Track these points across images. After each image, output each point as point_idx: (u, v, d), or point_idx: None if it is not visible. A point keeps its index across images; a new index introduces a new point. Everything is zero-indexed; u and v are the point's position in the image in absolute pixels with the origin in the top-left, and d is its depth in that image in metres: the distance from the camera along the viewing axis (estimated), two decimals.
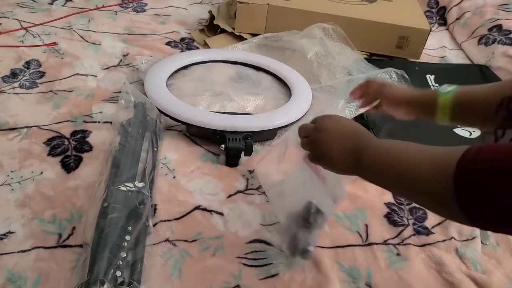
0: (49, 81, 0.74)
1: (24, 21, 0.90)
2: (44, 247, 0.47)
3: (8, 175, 0.55)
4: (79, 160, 0.58)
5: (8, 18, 0.91)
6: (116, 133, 0.55)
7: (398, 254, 0.50)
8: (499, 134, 0.32)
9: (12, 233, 0.48)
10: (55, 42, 0.84)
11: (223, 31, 0.92)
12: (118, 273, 0.41)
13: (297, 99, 0.70)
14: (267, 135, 0.65)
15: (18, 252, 0.46)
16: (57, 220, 0.50)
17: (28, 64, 0.77)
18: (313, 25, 0.86)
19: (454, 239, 0.53)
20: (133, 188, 0.48)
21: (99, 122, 0.66)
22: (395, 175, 0.32)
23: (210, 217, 0.53)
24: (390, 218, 0.55)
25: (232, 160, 0.60)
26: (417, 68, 0.90)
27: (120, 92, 0.64)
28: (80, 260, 0.45)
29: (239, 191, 0.57)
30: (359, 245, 0.51)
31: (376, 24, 0.88)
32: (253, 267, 0.48)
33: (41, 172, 0.56)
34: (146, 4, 1.05)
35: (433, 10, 1.15)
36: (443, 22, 1.12)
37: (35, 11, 0.95)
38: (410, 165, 0.31)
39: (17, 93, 0.70)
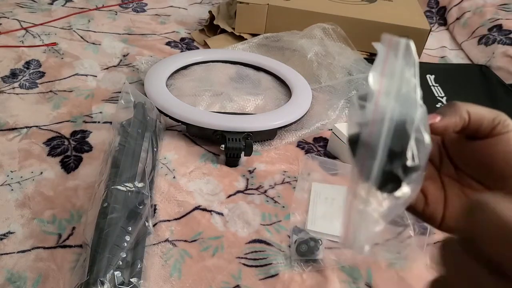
0: (49, 81, 0.74)
1: (24, 21, 0.90)
2: (44, 247, 0.47)
3: (8, 175, 0.55)
4: (79, 160, 0.58)
5: (8, 18, 0.91)
6: (116, 133, 0.55)
7: (398, 253, 0.50)
8: None
9: (11, 233, 0.48)
10: (55, 42, 0.84)
11: (223, 31, 0.92)
12: (118, 273, 0.41)
13: (297, 99, 0.70)
14: (267, 135, 0.65)
15: (18, 252, 0.46)
16: (56, 220, 0.50)
17: (28, 64, 0.77)
18: (313, 25, 0.86)
19: None
20: (133, 188, 0.48)
21: (99, 122, 0.66)
22: None
23: (210, 217, 0.53)
24: None
25: (232, 160, 0.60)
26: None
27: (120, 92, 0.64)
28: (80, 260, 0.45)
29: (239, 191, 0.57)
30: None
31: (376, 24, 0.88)
32: (253, 267, 0.47)
33: (41, 172, 0.56)
34: (146, 4, 1.05)
35: (433, 10, 1.15)
36: (443, 22, 1.12)
37: (35, 11, 0.95)
38: None
39: (17, 93, 0.70)
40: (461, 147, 0.27)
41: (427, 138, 0.20)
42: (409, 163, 0.20)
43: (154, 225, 0.50)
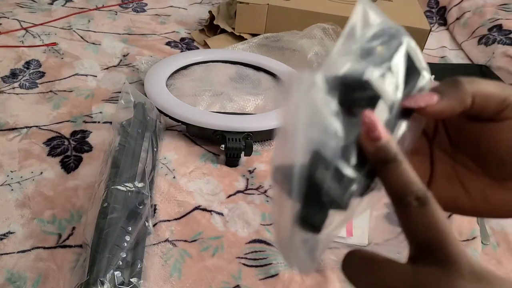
0: (49, 81, 0.74)
1: (24, 21, 0.90)
2: (44, 247, 0.47)
3: (8, 175, 0.55)
4: (79, 160, 0.58)
5: (8, 18, 0.91)
6: (116, 133, 0.55)
7: (398, 253, 0.50)
8: None
9: (11, 233, 0.48)
10: (55, 42, 0.84)
11: (223, 31, 0.92)
12: (118, 273, 0.41)
13: None
14: (267, 135, 0.65)
15: (18, 252, 0.46)
16: (56, 220, 0.50)
17: (28, 64, 0.77)
18: (313, 25, 0.86)
19: None
20: (133, 188, 0.48)
21: (99, 122, 0.66)
22: None
23: (210, 217, 0.53)
24: (391, 218, 0.55)
25: (232, 160, 0.60)
26: None
27: (120, 92, 0.64)
28: (79, 260, 0.45)
29: (239, 191, 0.57)
30: (359, 245, 0.51)
31: None
32: (253, 267, 0.48)
33: (41, 172, 0.56)
34: (146, 4, 1.05)
35: (433, 10, 1.15)
36: (443, 22, 1.12)
37: (35, 11, 0.95)
38: None
39: (17, 93, 0.70)
40: (460, 123, 0.23)
41: (348, 172, 0.17)
42: (328, 204, 0.18)
43: (154, 225, 0.50)
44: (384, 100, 0.19)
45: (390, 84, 0.19)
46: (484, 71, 0.91)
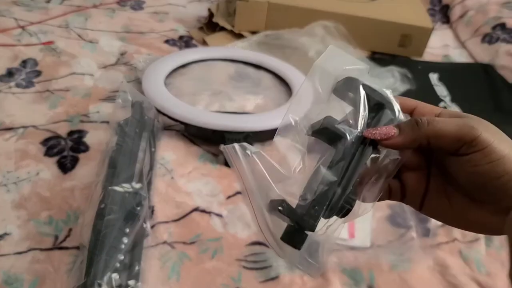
0: (46, 80, 0.73)
1: (21, 20, 0.89)
2: (41, 249, 0.46)
3: (4, 176, 0.54)
4: (75, 161, 0.57)
5: (5, 16, 0.90)
6: (113, 133, 0.55)
7: (401, 255, 0.50)
8: None
9: (8, 234, 0.47)
10: (52, 41, 0.83)
11: (222, 29, 0.91)
12: (115, 276, 0.40)
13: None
14: (267, 135, 0.64)
15: (14, 254, 0.45)
16: (53, 221, 0.49)
17: (24, 63, 0.76)
18: (314, 23, 0.85)
19: (458, 240, 0.52)
20: (131, 189, 0.47)
21: (96, 122, 0.65)
22: None
23: (209, 219, 0.52)
24: (393, 220, 0.54)
25: None
26: (419, 67, 0.89)
27: (117, 91, 0.63)
28: (76, 262, 0.44)
29: (238, 192, 0.56)
30: (362, 247, 0.50)
31: (378, 22, 0.87)
32: (253, 269, 0.47)
33: (37, 173, 0.55)
34: (144, 2, 1.04)
35: (436, 8, 1.14)
36: (446, 20, 1.11)
37: (32, 10, 0.94)
38: None
39: (13, 93, 0.69)
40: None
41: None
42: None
43: (152, 227, 0.49)
44: (348, 136, 0.25)
45: (354, 121, 0.25)
46: (488, 70, 0.90)
